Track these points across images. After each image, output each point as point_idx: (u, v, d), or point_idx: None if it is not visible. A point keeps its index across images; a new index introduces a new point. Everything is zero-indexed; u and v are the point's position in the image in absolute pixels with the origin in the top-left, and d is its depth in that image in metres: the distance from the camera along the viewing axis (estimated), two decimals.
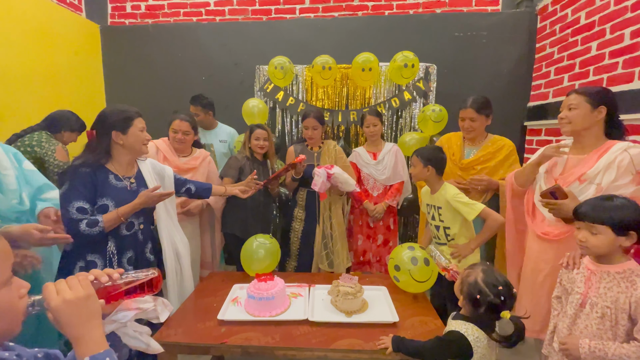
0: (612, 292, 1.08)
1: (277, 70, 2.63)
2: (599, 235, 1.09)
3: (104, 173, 1.38)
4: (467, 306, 1.08)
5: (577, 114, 1.40)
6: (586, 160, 1.41)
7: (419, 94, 2.72)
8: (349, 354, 1.25)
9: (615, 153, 1.33)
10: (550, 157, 1.51)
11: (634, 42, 1.84)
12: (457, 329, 1.07)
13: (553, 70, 2.57)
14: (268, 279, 1.52)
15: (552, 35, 2.59)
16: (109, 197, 1.36)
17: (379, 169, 2.33)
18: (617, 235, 1.07)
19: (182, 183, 1.74)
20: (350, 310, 1.44)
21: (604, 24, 2.06)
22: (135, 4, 3.31)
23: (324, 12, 3.14)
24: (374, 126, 2.30)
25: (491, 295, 1.04)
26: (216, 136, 2.65)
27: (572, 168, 1.44)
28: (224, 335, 1.31)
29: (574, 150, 1.49)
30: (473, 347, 1.03)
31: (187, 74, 3.11)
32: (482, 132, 1.97)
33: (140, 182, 1.50)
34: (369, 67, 2.55)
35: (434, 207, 1.69)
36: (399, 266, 1.63)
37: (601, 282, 1.11)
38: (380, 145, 2.38)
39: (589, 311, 1.13)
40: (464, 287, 1.09)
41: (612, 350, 1.03)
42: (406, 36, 2.89)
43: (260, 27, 3.04)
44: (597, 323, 1.10)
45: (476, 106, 1.87)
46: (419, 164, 1.66)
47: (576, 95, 1.41)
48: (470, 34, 2.87)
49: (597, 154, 1.38)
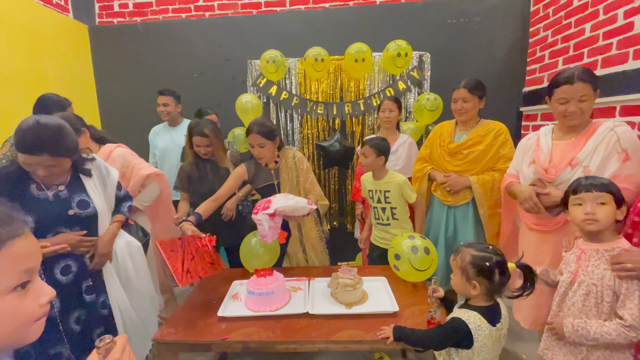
0: (599, 270, 1.10)
1: (269, 64, 2.60)
2: (606, 206, 1.09)
3: (25, 181, 1.18)
4: (484, 285, 1.05)
5: (588, 105, 1.32)
6: (574, 143, 1.38)
7: (414, 83, 2.70)
8: (349, 345, 1.26)
9: (602, 134, 1.30)
10: (524, 205, 1.47)
11: (627, 21, 1.82)
12: (460, 316, 1.07)
13: (547, 54, 2.55)
14: (267, 274, 1.52)
15: (546, 19, 2.56)
16: (28, 212, 1.14)
17: (393, 160, 2.29)
18: (616, 207, 1.09)
19: (123, 198, 1.53)
20: (350, 302, 1.44)
21: (598, 5, 2.03)
22: (122, 3, 3.26)
23: (314, 4, 3.10)
24: (390, 112, 2.26)
25: (493, 255, 1.04)
26: (180, 131, 2.59)
27: (561, 154, 1.40)
28: (225, 332, 1.31)
29: (559, 136, 1.46)
30: (474, 335, 1.02)
31: (178, 72, 3.08)
32: (475, 116, 1.93)
33: (74, 189, 1.28)
34: (362, 58, 2.53)
35: (380, 191, 1.84)
36: (399, 255, 1.63)
37: (590, 260, 1.13)
38: (395, 136, 2.35)
39: (577, 289, 1.14)
40: (469, 270, 1.06)
41: (594, 328, 1.06)
42: (398, 25, 2.86)
43: (250, 21, 3.00)
44: (582, 300, 1.12)
45: (469, 86, 1.84)
46: (372, 154, 1.75)
47: (583, 84, 1.29)
48: (463, 21, 2.84)
49: (585, 136, 1.35)
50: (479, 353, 1.03)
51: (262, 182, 1.86)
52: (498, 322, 1.06)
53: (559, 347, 1.19)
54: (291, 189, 1.83)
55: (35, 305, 0.53)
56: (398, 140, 2.32)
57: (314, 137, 2.85)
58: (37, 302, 0.53)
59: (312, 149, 2.86)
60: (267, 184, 1.85)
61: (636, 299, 1.01)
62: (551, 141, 1.46)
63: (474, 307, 1.08)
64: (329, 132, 2.84)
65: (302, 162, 1.86)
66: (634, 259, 1.01)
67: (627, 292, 1.02)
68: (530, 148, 1.54)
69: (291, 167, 1.84)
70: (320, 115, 2.75)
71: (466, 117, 1.90)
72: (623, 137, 1.27)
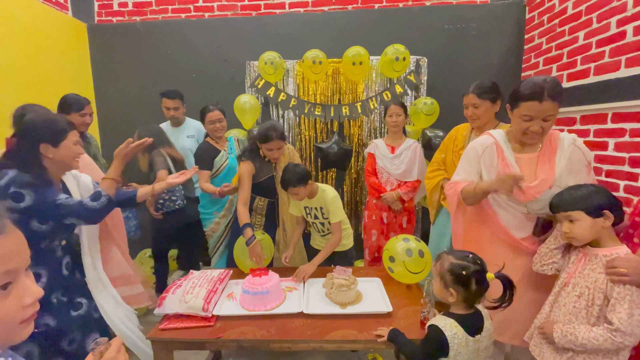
0: (594, 273, 1.11)
1: (267, 66, 2.62)
2: (578, 222, 1.12)
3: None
4: (460, 293, 1.07)
5: (551, 124, 1.26)
6: (541, 160, 1.31)
7: (411, 87, 2.73)
8: (343, 344, 1.27)
9: (568, 150, 1.27)
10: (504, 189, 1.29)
11: (620, 30, 1.86)
12: (436, 323, 1.07)
13: (542, 60, 2.59)
14: (262, 273, 1.53)
15: (541, 26, 2.60)
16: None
17: (395, 163, 2.30)
18: (594, 218, 1.10)
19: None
20: (344, 302, 1.45)
21: (591, 13, 2.07)
22: (122, 2, 3.26)
23: (313, 7, 3.12)
24: (398, 116, 2.26)
25: (470, 264, 1.05)
26: (183, 132, 2.61)
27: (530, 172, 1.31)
28: (219, 330, 1.31)
29: (518, 148, 1.37)
30: (449, 343, 1.03)
31: (176, 72, 3.08)
32: (491, 120, 1.76)
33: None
34: (359, 61, 2.55)
35: (315, 208, 1.85)
36: (394, 257, 1.65)
37: (588, 264, 1.14)
38: (401, 140, 2.35)
39: (570, 290, 1.16)
40: (447, 278, 1.07)
41: (582, 334, 1.07)
42: (396, 29, 2.89)
43: (249, 23, 3.01)
44: (573, 301, 1.14)
45: (478, 91, 1.73)
46: (302, 190, 1.72)
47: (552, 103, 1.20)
48: (460, 26, 2.87)
49: (548, 150, 1.30)
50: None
51: (265, 175, 2.00)
52: (478, 333, 1.07)
53: (547, 345, 1.22)
54: None
55: (18, 306, 0.50)
56: (403, 145, 2.33)
57: (312, 138, 2.86)
58: (20, 303, 0.50)
59: (310, 151, 2.87)
60: (268, 176, 2.01)
61: (626, 303, 1.02)
62: (513, 153, 1.36)
63: (453, 314, 1.09)
64: (327, 134, 2.86)
65: (294, 153, 2.15)
66: (629, 264, 1.03)
67: (618, 296, 1.04)
68: (492, 162, 1.39)
69: (287, 159, 2.04)
70: (318, 117, 2.76)
71: (479, 122, 1.77)
72: (585, 149, 1.28)
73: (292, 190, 1.72)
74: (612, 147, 1.89)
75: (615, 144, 1.87)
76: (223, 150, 2.31)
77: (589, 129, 2.07)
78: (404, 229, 2.37)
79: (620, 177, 1.84)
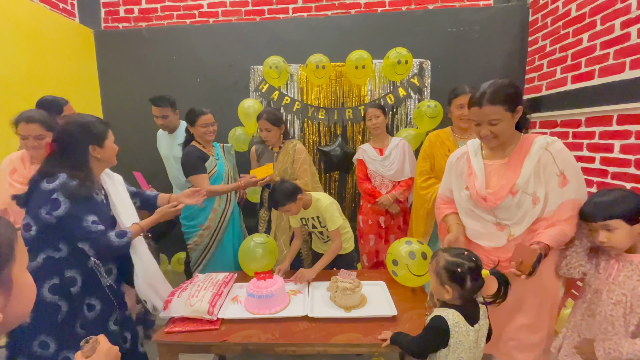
0: (632, 281, 1.08)
1: (271, 70, 2.64)
2: (617, 230, 1.09)
3: None
4: (455, 290, 1.07)
5: (502, 127, 1.21)
6: (509, 165, 1.26)
7: (414, 90, 2.73)
8: (348, 348, 1.27)
9: (538, 153, 1.20)
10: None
11: (624, 32, 1.86)
12: (438, 313, 1.08)
13: (546, 63, 2.58)
14: (267, 277, 1.53)
15: (544, 28, 2.60)
16: (94, 213, 1.28)
17: (386, 165, 2.28)
18: (632, 225, 1.08)
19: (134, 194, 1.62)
20: (349, 306, 1.45)
21: (595, 15, 2.07)
22: (128, 8, 3.31)
23: (317, 11, 3.14)
24: (376, 118, 2.25)
25: (466, 261, 1.05)
26: (176, 139, 2.40)
27: (498, 178, 1.28)
28: (224, 334, 1.32)
29: (489, 154, 1.33)
30: (450, 331, 1.03)
31: (181, 77, 3.11)
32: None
33: (106, 195, 1.43)
34: (362, 65, 2.56)
35: (312, 218, 1.87)
36: (397, 261, 1.65)
37: (622, 270, 1.11)
38: (387, 140, 2.34)
39: (606, 298, 1.12)
40: (443, 275, 1.08)
41: (626, 348, 1.02)
42: (399, 33, 2.90)
43: (253, 28, 3.04)
44: (609, 310, 1.10)
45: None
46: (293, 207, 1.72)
47: (492, 107, 1.19)
48: (463, 29, 2.88)
49: (520, 155, 1.24)
50: (455, 350, 1.04)
51: (265, 162, 2.18)
52: (476, 322, 1.08)
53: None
54: (284, 172, 2.19)
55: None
56: (390, 145, 2.30)
57: (316, 142, 2.88)
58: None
59: (313, 154, 2.88)
60: (267, 163, 2.15)
61: None
62: (482, 161, 1.33)
63: (452, 305, 1.09)
64: (331, 137, 2.87)
65: (300, 152, 2.21)
66: None
67: None
68: (462, 171, 1.39)
69: (289, 153, 2.20)
70: (322, 120, 2.78)
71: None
72: (558, 157, 1.19)
73: (283, 208, 1.72)
74: (618, 149, 1.88)
75: (620, 146, 1.86)
76: (211, 156, 2.17)
77: (594, 131, 2.06)
78: (401, 230, 2.36)
79: (626, 179, 1.82)
